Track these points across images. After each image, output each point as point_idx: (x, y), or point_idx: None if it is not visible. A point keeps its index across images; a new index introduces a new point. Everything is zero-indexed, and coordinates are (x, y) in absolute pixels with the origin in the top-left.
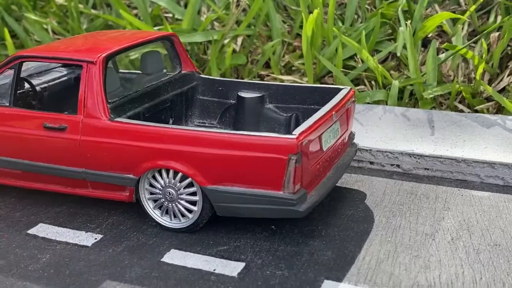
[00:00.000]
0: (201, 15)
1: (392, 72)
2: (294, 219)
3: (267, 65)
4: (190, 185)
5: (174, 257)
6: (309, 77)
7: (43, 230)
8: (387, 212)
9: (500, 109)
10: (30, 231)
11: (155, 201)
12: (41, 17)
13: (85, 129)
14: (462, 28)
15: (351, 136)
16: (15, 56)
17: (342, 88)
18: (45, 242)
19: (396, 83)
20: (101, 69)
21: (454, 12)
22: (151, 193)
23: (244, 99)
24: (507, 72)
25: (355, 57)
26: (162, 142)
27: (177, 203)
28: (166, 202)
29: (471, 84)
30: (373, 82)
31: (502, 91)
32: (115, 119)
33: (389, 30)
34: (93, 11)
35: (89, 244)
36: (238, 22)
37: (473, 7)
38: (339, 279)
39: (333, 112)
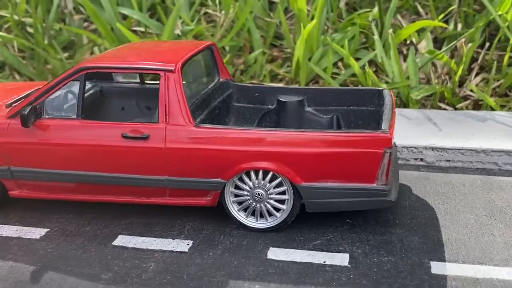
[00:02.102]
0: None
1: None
2: (363, 211)
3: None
4: (279, 184)
5: (278, 254)
6: (302, 84)
7: (127, 241)
8: (438, 200)
9: (475, 107)
10: (115, 243)
11: (239, 203)
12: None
13: (170, 136)
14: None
15: None
16: (80, 67)
17: (381, 89)
18: (140, 252)
19: (384, 87)
20: (180, 77)
21: (413, 21)
22: (236, 196)
23: (286, 104)
24: (473, 74)
25: (338, 63)
26: (254, 144)
27: (266, 203)
28: (254, 203)
29: (449, 85)
30: (359, 87)
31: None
32: (200, 125)
33: (364, 38)
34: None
35: (186, 250)
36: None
37: (440, 16)
38: (441, 259)
39: (394, 110)
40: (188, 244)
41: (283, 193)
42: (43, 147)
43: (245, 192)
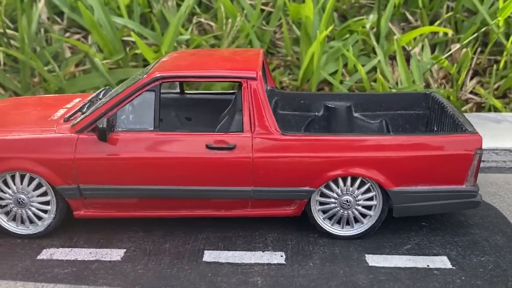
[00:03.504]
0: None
1: (372, 83)
2: (433, 215)
3: None
4: (367, 190)
5: (378, 261)
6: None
7: (217, 256)
8: (494, 199)
9: (478, 109)
10: (206, 259)
11: (323, 211)
12: None
13: (257, 146)
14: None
15: None
16: (156, 77)
17: (428, 93)
18: (237, 267)
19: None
20: (263, 84)
21: (403, 29)
22: (321, 204)
23: (335, 109)
24: (468, 77)
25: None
26: (345, 151)
27: (353, 209)
28: (342, 210)
29: (451, 89)
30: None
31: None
32: (287, 133)
33: (362, 45)
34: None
35: (283, 262)
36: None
37: (437, 22)
38: None
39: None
40: (282, 256)
41: (370, 199)
42: (118, 162)
43: (332, 200)
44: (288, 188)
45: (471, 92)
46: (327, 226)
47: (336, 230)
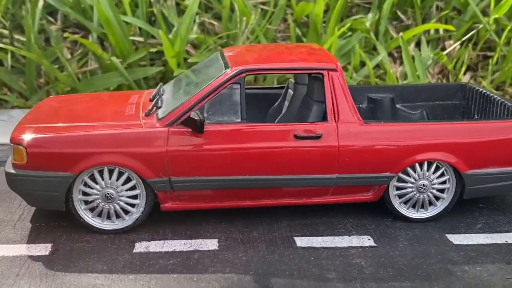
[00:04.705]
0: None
1: (375, 79)
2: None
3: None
4: (441, 174)
5: (459, 239)
6: None
7: (310, 241)
8: None
9: None
10: (300, 245)
11: (399, 196)
12: None
13: (342, 135)
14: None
15: None
16: (240, 70)
17: (464, 84)
18: (334, 250)
19: None
20: (343, 75)
21: (395, 27)
22: (397, 188)
23: (379, 101)
24: (462, 72)
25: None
26: (424, 137)
27: (429, 193)
28: (418, 194)
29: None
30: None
31: None
32: (368, 122)
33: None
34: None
35: (375, 244)
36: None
37: (432, 21)
38: None
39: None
40: (369, 239)
41: (444, 182)
42: (210, 153)
43: (410, 184)
44: (370, 174)
45: None
46: (403, 210)
47: (412, 213)
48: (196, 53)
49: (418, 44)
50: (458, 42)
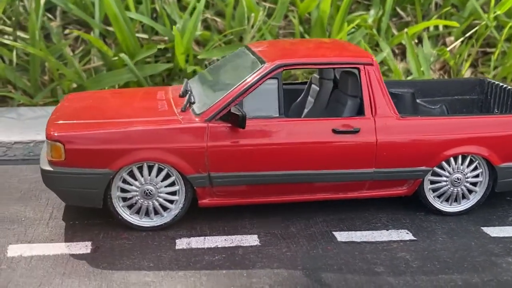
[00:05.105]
0: None
1: None
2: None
3: None
4: (474, 168)
5: (496, 232)
6: None
7: (349, 236)
8: None
9: None
10: (341, 240)
11: (432, 190)
12: None
13: (380, 129)
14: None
15: None
16: (278, 64)
17: (482, 79)
18: (376, 245)
19: None
20: (379, 69)
21: (395, 24)
22: (431, 182)
23: (401, 96)
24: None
25: None
26: (460, 131)
27: (462, 186)
28: (452, 188)
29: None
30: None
31: None
32: (405, 116)
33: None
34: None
35: (414, 238)
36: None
37: (435, 17)
38: None
39: None
40: (408, 233)
41: (476, 176)
42: (251, 148)
43: (444, 178)
44: (406, 168)
45: None
46: (437, 203)
47: (445, 207)
48: (203, 51)
49: (418, 41)
50: (462, 38)
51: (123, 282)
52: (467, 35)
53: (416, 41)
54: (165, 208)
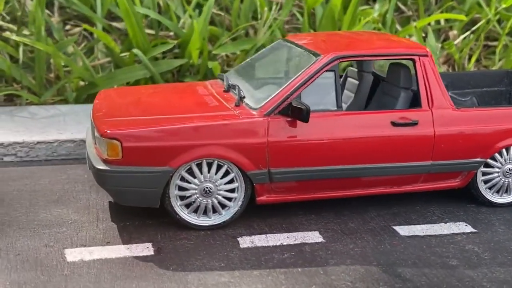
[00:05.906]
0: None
1: None
2: None
3: None
4: None
5: None
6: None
7: (410, 230)
8: None
9: None
10: (403, 234)
11: (484, 182)
12: None
13: (437, 121)
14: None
15: None
16: (334, 57)
17: (510, 70)
18: (440, 238)
19: None
20: (434, 61)
21: (397, 19)
22: (483, 174)
23: None
24: (466, 61)
25: None
26: None
27: None
28: (504, 179)
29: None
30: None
31: None
32: (460, 107)
33: None
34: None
35: (475, 230)
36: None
37: (438, 11)
38: None
39: None
40: (466, 225)
41: None
42: (312, 143)
43: (496, 169)
44: (462, 160)
45: None
46: (489, 195)
47: (496, 198)
48: (216, 46)
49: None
50: (468, 32)
51: (200, 284)
52: (473, 28)
53: (424, 35)
54: (223, 206)
